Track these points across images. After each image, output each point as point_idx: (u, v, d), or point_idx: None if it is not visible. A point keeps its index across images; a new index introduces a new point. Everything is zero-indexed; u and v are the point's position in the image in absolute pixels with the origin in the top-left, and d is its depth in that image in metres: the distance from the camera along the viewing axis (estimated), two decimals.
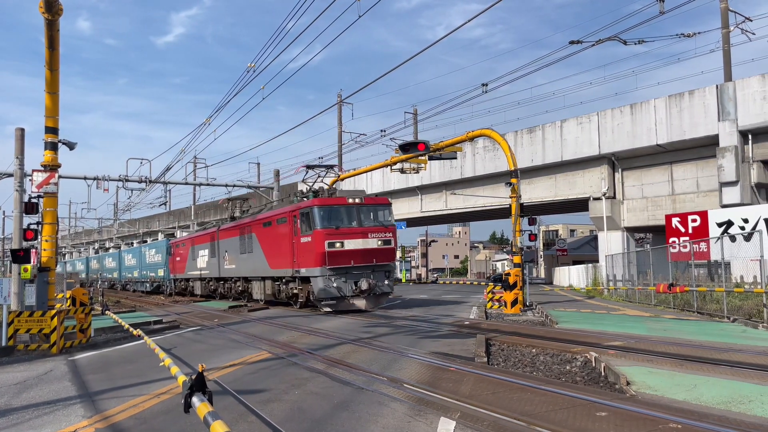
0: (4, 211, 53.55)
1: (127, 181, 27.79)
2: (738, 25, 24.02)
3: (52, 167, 14.75)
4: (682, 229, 23.82)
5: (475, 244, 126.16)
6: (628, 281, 27.29)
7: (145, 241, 63.74)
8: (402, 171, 26.28)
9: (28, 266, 14.46)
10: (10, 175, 20.19)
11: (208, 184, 32.52)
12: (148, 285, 44.87)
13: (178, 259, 37.25)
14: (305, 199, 22.20)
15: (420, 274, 74.64)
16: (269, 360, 10.86)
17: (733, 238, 19.26)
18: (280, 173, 33.15)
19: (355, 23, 11.37)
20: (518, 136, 36.37)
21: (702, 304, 18.17)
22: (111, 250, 71.93)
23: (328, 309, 20.32)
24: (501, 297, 19.90)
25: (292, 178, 42.14)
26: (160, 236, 60.01)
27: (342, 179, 21.89)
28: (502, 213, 39.21)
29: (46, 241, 14.61)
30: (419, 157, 24.10)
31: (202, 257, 32.29)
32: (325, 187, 23.53)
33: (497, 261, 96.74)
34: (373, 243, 20.37)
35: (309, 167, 24.68)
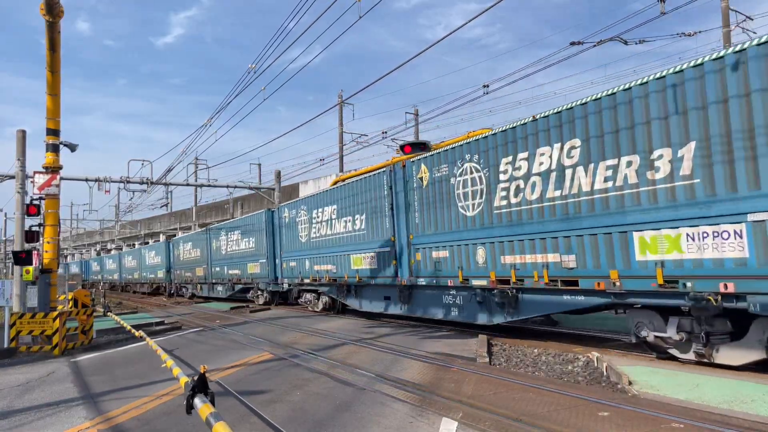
0: (5, 213, 53.57)
1: (128, 182, 27.78)
2: (739, 24, 23.94)
3: (53, 169, 14.78)
4: None
5: None
6: None
7: (147, 243, 63.19)
8: None
9: (30, 268, 14.48)
10: (12, 177, 20.22)
11: (209, 185, 32.45)
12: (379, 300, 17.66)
13: None
14: None
15: None
16: (271, 361, 10.86)
17: None
18: (281, 174, 33.19)
19: (354, 24, 11.36)
20: None
21: None
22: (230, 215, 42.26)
23: None
24: None
25: (293, 179, 42.13)
26: (162, 237, 59.91)
27: (343, 180, 21.62)
28: None
29: (48, 242, 14.63)
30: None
31: None
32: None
33: None
34: None
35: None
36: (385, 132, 29.76)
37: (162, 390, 8.46)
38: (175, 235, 53.11)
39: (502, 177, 11.82)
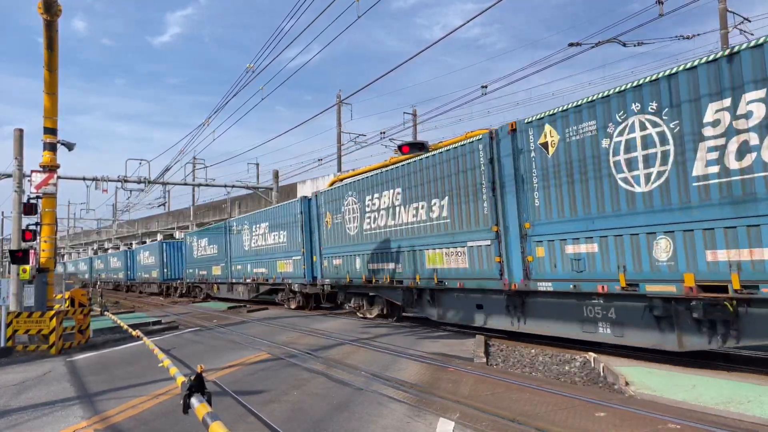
0: (2, 212, 53.47)
1: (125, 181, 27.70)
2: (736, 25, 23.97)
3: (50, 168, 14.74)
4: None
5: None
6: None
7: (145, 242, 63.31)
8: None
9: (27, 267, 14.45)
10: (9, 176, 20.16)
11: (207, 185, 32.35)
12: None
13: None
14: None
15: None
16: (268, 361, 10.85)
17: None
18: (279, 174, 33.13)
19: (353, 23, 11.35)
20: None
21: None
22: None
23: None
24: None
25: (292, 179, 42.03)
26: (159, 237, 59.91)
27: (342, 179, 21.68)
28: None
29: (45, 241, 14.59)
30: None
31: None
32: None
33: None
34: None
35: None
36: (384, 132, 29.77)
37: (159, 390, 8.45)
38: (172, 235, 53.18)
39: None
